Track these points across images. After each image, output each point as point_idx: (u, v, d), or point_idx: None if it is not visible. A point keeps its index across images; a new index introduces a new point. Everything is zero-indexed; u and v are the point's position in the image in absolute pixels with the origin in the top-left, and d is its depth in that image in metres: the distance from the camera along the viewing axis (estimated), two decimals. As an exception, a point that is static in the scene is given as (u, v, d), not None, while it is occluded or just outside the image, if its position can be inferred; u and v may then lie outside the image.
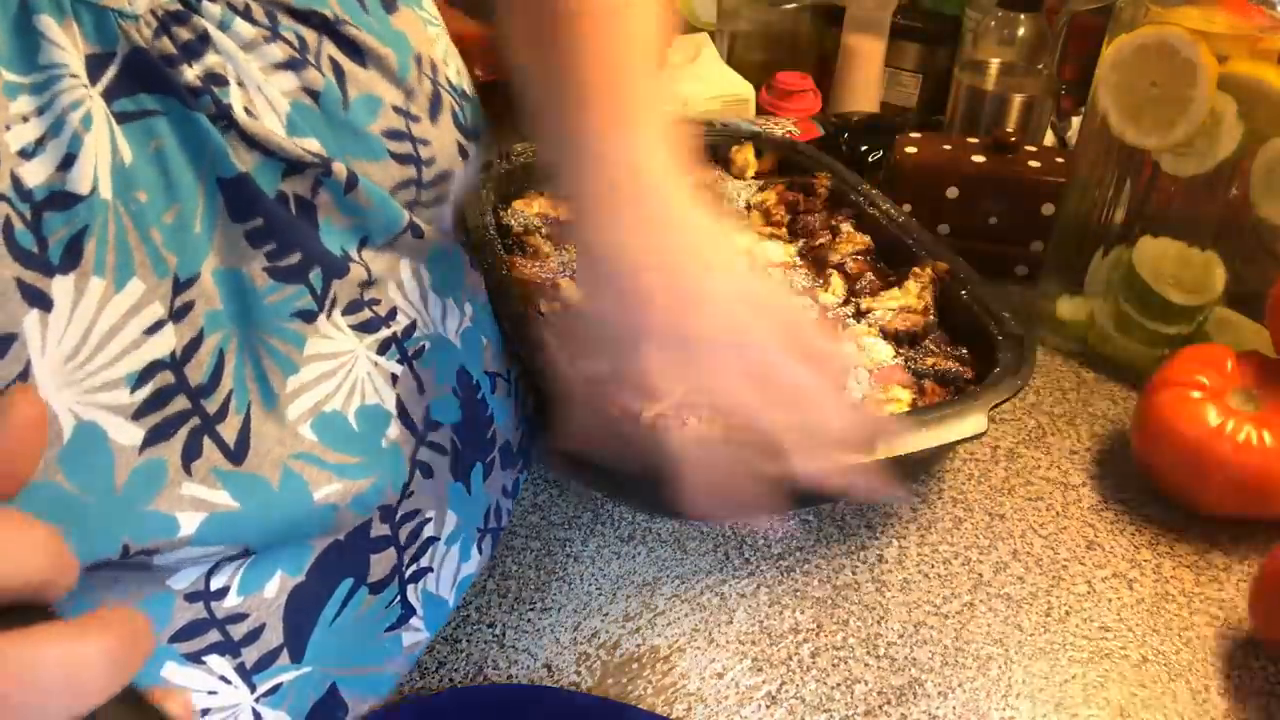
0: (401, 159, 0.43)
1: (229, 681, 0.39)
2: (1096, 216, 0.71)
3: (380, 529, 0.44)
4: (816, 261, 0.69)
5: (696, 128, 0.85)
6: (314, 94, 0.39)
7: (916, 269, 0.65)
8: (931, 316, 0.63)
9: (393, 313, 0.45)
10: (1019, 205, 0.79)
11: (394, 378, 0.45)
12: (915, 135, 0.85)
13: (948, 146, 0.82)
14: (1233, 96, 0.60)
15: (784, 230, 0.73)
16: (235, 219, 0.37)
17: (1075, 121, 0.98)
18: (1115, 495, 0.61)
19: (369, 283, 0.43)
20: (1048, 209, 0.78)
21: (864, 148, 0.92)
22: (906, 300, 0.64)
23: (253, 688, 0.40)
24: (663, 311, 0.40)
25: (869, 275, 0.67)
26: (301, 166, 0.38)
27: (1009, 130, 0.84)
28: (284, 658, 0.41)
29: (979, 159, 0.80)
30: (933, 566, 0.56)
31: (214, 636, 0.38)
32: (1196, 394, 0.57)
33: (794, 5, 1.06)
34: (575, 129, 0.43)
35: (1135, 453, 0.61)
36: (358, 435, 0.42)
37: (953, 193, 0.80)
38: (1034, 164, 0.80)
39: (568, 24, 0.46)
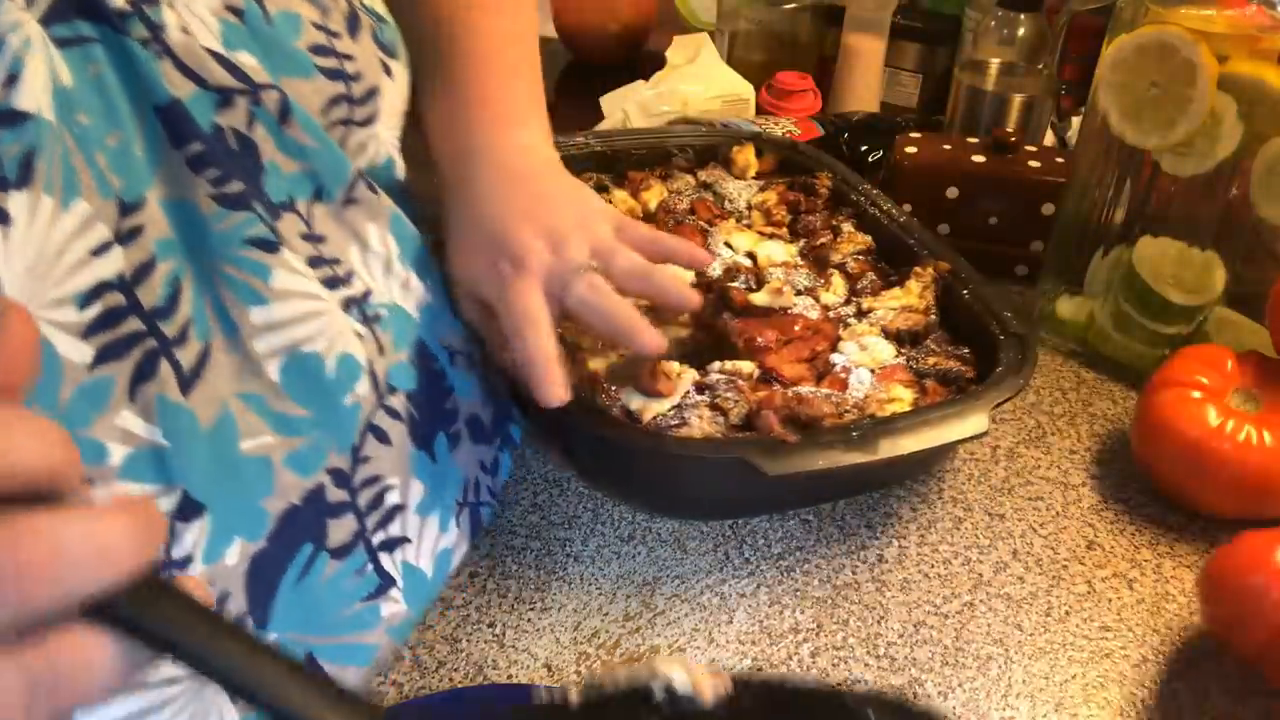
0: (330, 74, 0.44)
1: None
2: (1096, 216, 0.71)
3: (337, 494, 0.44)
4: (818, 261, 0.69)
5: (696, 127, 0.85)
6: (238, 12, 0.40)
7: (918, 268, 0.66)
8: (933, 316, 0.63)
9: (350, 276, 0.46)
10: (1019, 205, 0.79)
11: (360, 336, 0.46)
12: (915, 135, 0.85)
13: (948, 146, 0.82)
14: (1233, 96, 0.60)
15: (785, 230, 0.73)
16: (175, 145, 0.38)
17: (1075, 122, 0.98)
18: (1115, 495, 0.61)
19: (317, 238, 0.44)
20: (1048, 209, 0.78)
21: (864, 148, 0.92)
22: (908, 300, 0.64)
23: None
24: (527, 220, 0.51)
25: (870, 275, 0.67)
26: (230, 95, 0.39)
27: (1009, 130, 0.84)
28: (249, 626, 0.41)
29: (979, 159, 0.80)
30: (933, 566, 0.56)
31: None
32: (1196, 394, 0.57)
33: (794, 5, 1.06)
34: (471, 127, 0.54)
35: (1135, 453, 0.61)
36: (328, 383, 0.43)
37: (953, 193, 0.80)
38: (1034, 164, 0.80)
39: (455, 16, 0.56)
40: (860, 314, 0.64)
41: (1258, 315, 0.63)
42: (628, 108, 0.93)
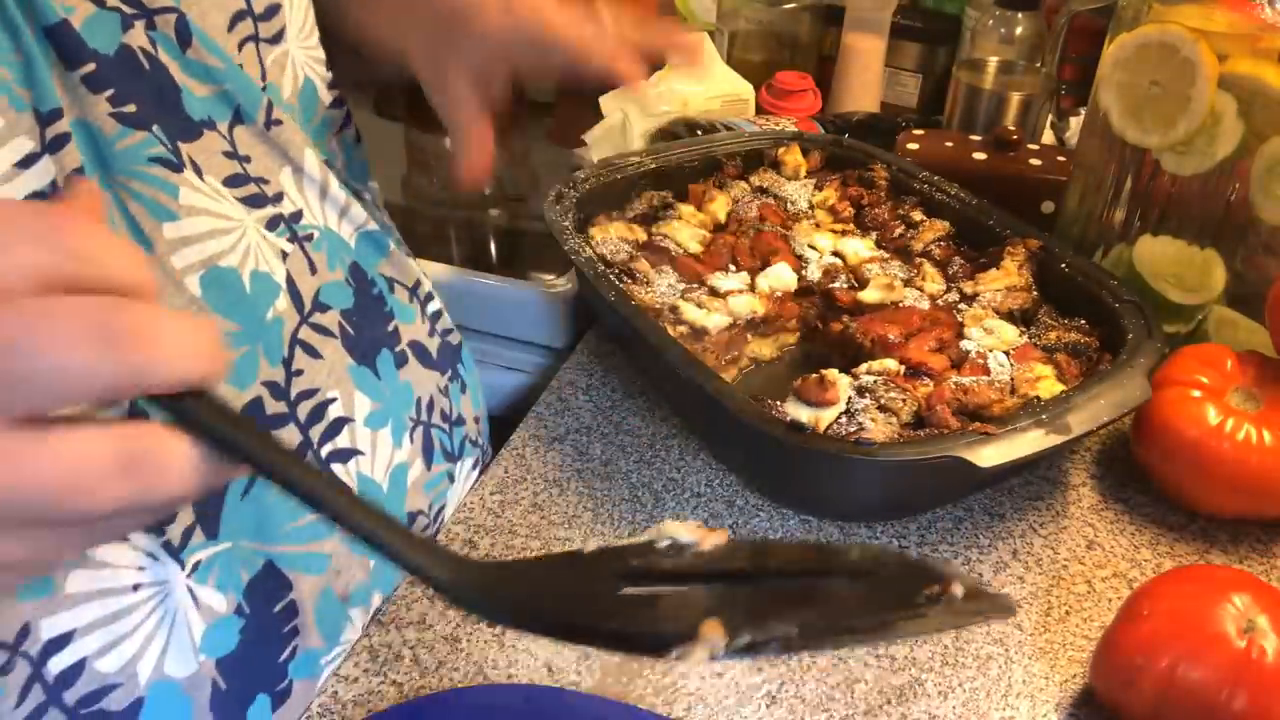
0: None
1: (156, 558, 0.41)
2: (1097, 215, 0.71)
3: (275, 405, 0.45)
4: (899, 252, 0.70)
5: (739, 133, 0.85)
6: None
7: (1010, 247, 0.66)
8: (1034, 292, 0.65)
9: (279, 196, 0.47)
10: (1019, 203, 0.79)
11: (284, 254, 0.47)
12: (918, 133, 0.85)
13: (950, 144, 0.82)
14: (1233, 95, 0.60)
15: (853, 225, 0.74)
16: (69, 67, 0.38)
17: (1074, 122, 0.98)
18: (1115, 495, 0.61)
19: (242, 157, 0.45)
20: (1048, 207, 0.78)
21: (864, 147, 0.92)
22: (1009, 280, 0.65)
23: (182, 564, 0.41)
24: None
25: (957, 260, 0.68)
26: (127, 18, 0.40)
27: (1009, 128, 0.84)
28: (199, 534, 0.42)
29: (980, 156, 0.80)
30: (933, 566, 0.55)
31: None
32: (1196, 393, 0.57)
33: (794, 5, 1.06)
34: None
35: (1135, 453, 0.61)
36: (248, 298, 0.44)
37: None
38: (1035, 162, 0.80)
39: None
40: (966, 299, 0.65)
41: (1258, 315, 0.63)
42: (627, 108, 0.93)
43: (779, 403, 0.55)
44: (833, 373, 0.56)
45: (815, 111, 1.00)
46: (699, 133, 0.86)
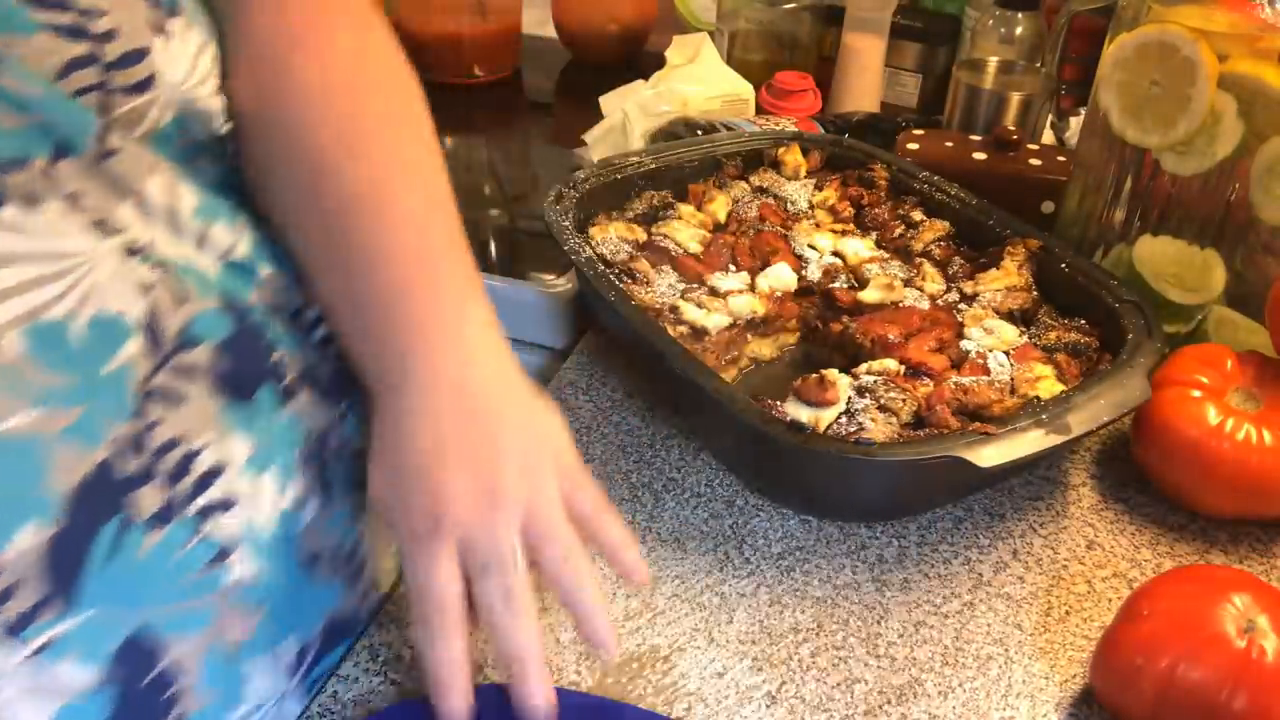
0: (64, 32, 0.38)
1: None
2: (1097, 215, 0.71)
3: (132, 464, 0.41)
4: (899, 252, 0.70)
5: (738, 134, 0.84)
6: None
7: (1010, 247, 0.67)
8: (1034, 292, 0.65)
9: (123, 230, 0.41)
10: (1019, 203, 0.79)
11: (147, 286, 0.41)
12: (918, 133, 0.85)
13: (950, 144, 0.82)
14: (1233, 95, 0.60)
15: (853, 225, 0.74)
16: None
17: (1074, 122, 0.98)
18: (1115, 495, 0.61)
19: (69, 195, 0.39)
20: (1048, 207, 0.78)
21: (864, 147, 0.92)
22: (1009, 280, 0.65)
23: (23, 643, 0.38)
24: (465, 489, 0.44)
25: (957, 260, 0.69)
26: None
27: (1009, 128, 0.84)
28: (55, 607, 0.38)
29: (980, 156, 0.80)
30: (933, 566, 0.56)
31: None
32: (1196, 393, 0.57)
33: (794, 5, 1.06)
34: (401, 327, 0.47)
35: (1135, 453, 0.61)
36: (81, 351, 0.39)
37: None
38: (1035, 162, 0.80)
39: (346, 214, 0.48)
40: (966, 299, 0.65)
41: (1257, 315, 0.63)
42: (627, 108, 0.93)
43: (779, 403, 0.55)
44: (833, 373, 0.56)
45: (815, 111, 1.00)
46: (699, 133, 0.86)
